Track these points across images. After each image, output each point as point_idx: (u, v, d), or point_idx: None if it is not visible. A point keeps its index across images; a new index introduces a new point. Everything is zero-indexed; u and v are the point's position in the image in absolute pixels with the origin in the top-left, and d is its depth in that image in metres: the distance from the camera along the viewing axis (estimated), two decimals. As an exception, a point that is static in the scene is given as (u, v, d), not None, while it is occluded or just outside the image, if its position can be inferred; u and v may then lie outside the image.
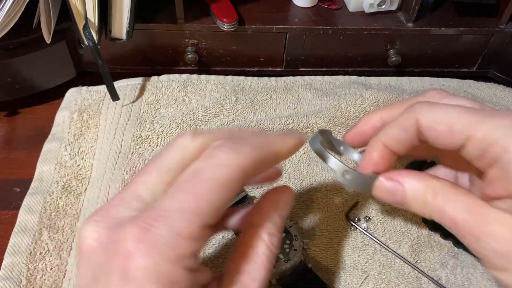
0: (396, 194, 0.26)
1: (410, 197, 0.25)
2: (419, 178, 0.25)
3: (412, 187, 0.25)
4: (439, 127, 0.24)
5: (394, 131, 0.26)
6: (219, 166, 0.22)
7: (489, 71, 0.53)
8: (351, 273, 0.35)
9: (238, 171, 0.22)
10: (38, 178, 0.40)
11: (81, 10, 0.42)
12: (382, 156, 0.26)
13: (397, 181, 0.26)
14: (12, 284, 0.33)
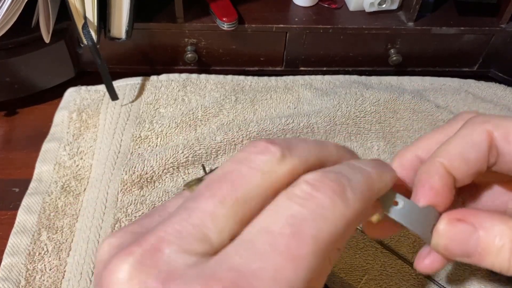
0: (467, 243, 0.19)
1: (488, 247, 0.19)
2: (503, 220, 0.19)
3: (494, 233, 0.19)
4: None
5: (459, 147, 0.20)
6: (322, 219, 0.16)
7: (490, 71, 0.53)
8: (351, 273, 0.35)
9: (342, 227, 0.16)
10: (37, 178, 0.40)
11: (80, 10, 0.41)
12: (444, 183, 0.20)
13: (471, 224, 0.20)
14: (11, 285, 0.33)
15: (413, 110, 0.47)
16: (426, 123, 0.46)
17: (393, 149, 0.44)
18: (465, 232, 0.20)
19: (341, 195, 0.17)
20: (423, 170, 0.21)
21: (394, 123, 0.46)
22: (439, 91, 0.49)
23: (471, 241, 0.19)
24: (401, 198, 0.20)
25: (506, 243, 0.19)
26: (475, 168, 0.20)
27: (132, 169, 0.40)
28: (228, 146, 0.42)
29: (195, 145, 0.41)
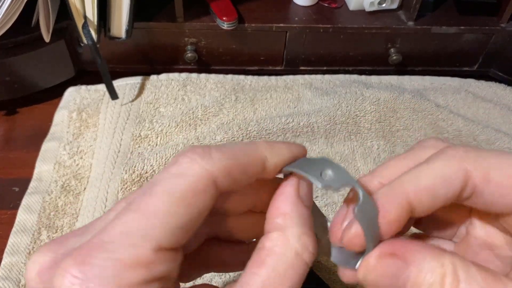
0: (397, 279, 0.19)
1: (418, 285, 0.18)
2: (435, 256, 0.18)
3: (425, 270, 0.18)
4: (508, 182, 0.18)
5: (429, 181, 0.19)
6: (177, 176, 0.18)
7: (490, 70, 0.53)
8: (352, 273, 0.35)
9: (204, 180, 0.18)
10: (37, 178, 0.40)
11: (80, 9, 0.41)
12: (400, 216, 0.19)
13: (403, 259, 0.19)
14: (11, 284, 0.33)
15: (413, 109, 0.47)
16: (426, 122, 0.46)
17: (393, 148, 0.44)
18: (396, 268, 0.19)
19: (202, 155, 0.19)
20: (383, 193, 0.20)
21: (394, 122, 0.46)
22: (439, 90, 0.49)
23: (401, 277, 0.19)
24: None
25: (436, 281, 0.18)
26: (441, 203, 0.20)
27: (132, 168, 0.40)
28: (228, 145, 0.42)
29: (195, 144, 0.41)
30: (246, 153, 0.20)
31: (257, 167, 0.20)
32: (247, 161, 0.20)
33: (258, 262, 0.19)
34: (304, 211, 0.20)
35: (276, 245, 0.19)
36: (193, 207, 0.18)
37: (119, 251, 0.17)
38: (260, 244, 0.20)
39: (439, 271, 0.18)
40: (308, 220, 0.20)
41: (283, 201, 0.20)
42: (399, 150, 0.44)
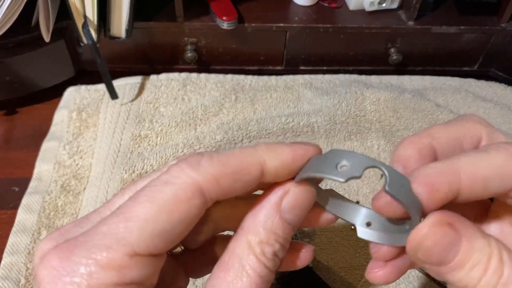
0: (448, 251, 0.18)
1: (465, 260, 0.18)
2: (484, 235, 0.18)
3: (476, 247, 0.18)
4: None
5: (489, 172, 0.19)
6: (163, 184, 0.18)
7: (490, 70, 0.53)
8: (352, 273, 0.35)
9: (189, 189, 0.18)
10: (36, 178, 0.40)
11: (80, 9, 0.41)
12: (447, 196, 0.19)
13: (458, 232, 0.18)
14: (11, 284, 0.33)
15: (413, 109, 0.46)
16: (426, 122, 0.46)
17: (393, 148, 0.44)
18: (450, 238, 0.18)
19: (191, 163, 0.19)
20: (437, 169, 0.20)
21: (394, 122, 0.46)
22: (439, 90, 0.49)
23: (452, 249, 0.18)
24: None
25: (483, 260, 0.18)
26: (487, 195, 0.20)
27: (132, 168, 0.40)
28: (228, 145, 0.42)
29: (195, 144, 0.41)
30: (240, 159, 0.19)
31: (253, 173, 0.20)
32: (240, 167, 0.19)
33: (223, 263, 0.20)
34: (277, 223, 0.20)
35: (237, 247, 0.20)
36: (174, 215, 0.18)
37: (96, 251, 0.17)
38: (228, 244, 0.20)
39: (487, 251, 0.18)
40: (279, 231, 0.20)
41: (260, 208, 0.20)
42: (399, 150, 0.44)
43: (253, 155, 0.20)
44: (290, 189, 0.20)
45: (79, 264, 0.17)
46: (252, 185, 0.20)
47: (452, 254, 0.18)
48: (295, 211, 0.20)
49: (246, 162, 0.19)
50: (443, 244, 0.18)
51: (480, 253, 0.18)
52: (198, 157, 0.19)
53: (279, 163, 0.20)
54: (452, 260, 0.18)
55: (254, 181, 0.20)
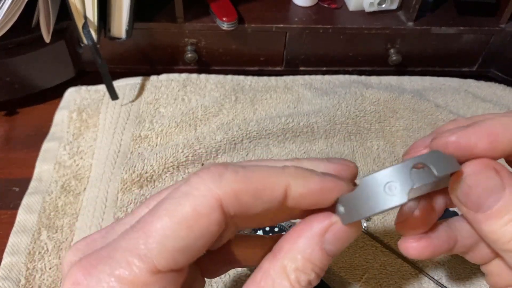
0: (488, 197, 0.18)
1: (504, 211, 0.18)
2: None
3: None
4: None
5: None
6: (183, 196, 0.18)
7: (490, 71, 0.53)
8: (351, 273, 0.35)
9: (209, 204, 0.18)
10: (37, 178, 0.40)
11: (80, 9, 0.41)
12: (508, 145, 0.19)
13: (502, 180, 0.18)
14: (11, 284, 0.33)
15: (412, 109, 0.47)
16: (426, 122, 0.46)
17: (393, 149, 0.44)
18: (494, 184, 0.18)
19: (214, 175, 0.18)
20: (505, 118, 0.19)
21: (394, 123, 0.46)
22: (438, 90, 0.49)
23: (493, 196, 0.18)
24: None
25: None
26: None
27: (132, 168, 0.40)
28: (228, 145, 0.42)
29: (195, 144, 0.41)
30: (265, 177, 0.19)
31: (276, 194, 0.19)
32: (263, 186, 0.18)
33: (255, 282, 0.19)
34: (316, 253, 0.19)
35: (272, 269, 0.19)
36: (194, 230, 0.18)
37: (118, 267, 0.17)
38: (262, 262, 0.20)
39: None
40: (317, 261, 0.19)
41: (301, 234, 0.20)
42: (399, 150, 0.44)
43: (279, 176, 0.19)
44: (337, 221, 0.20)
45: (102, 280, 0.17)
46: (273, 206, 0.19)
47: (492, 200, 0.18)
48: (338, 244, 0.20)
49: (270, 182, 0.19)
50: (485, 186, 0.18)
51: None
52: (222, 169, 0.18)
53: (304, 190, 0.19)
54: (490, 207, 0.18)
55: (275, 203, 0.19)
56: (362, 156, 0.43)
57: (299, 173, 0.19)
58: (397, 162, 0.43)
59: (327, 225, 0.19)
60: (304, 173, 0.20)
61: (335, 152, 0.43)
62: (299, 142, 0.44)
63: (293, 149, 0.43)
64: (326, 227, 0.19)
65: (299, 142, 0.44)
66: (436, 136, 0.21)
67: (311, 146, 0.43)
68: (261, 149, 0.43)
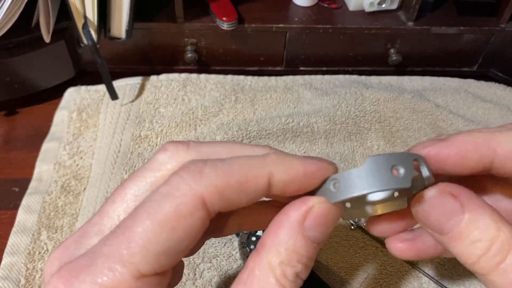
0: (448, 220, 0.19)
1: (465, 234, 0.18)
2: (493, 217, 0.19)
3: (478, 224, 0.18)
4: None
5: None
6: (164, 197, 0.17)
7: (490, 71, 0.53)
8: (351, 273, 0.35)
9: (190, 203, 0.17)
10: (37, 178, 0.40)
11: (80, 9, 0.41)
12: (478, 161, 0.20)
13: (461, 204, 0.19)
14: (11, 284, 0.33)
15: (412, 109, 0.47)
16: (426, 122, 0.46)
17: (393, 149, 0.44)
18: (452, 209, 0.19)
19: (194, 173, 0.17)
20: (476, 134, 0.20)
21: (394, 123, 0.46)
22: (438, 90, 0.49)
23: (453, 219, 0.19)
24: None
25: (485, 239, 0.18)
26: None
27: (132, 168, 0.40)
28: (228, 145, 0.42)
29: (195, 144, 0.41)
30: (246, 169, 0.18)
31: (259, 185, 0.18)
32: (245, 179, 0.18)
33: (241, 282, 0.19)
34: (300, 242, 0.18)
35: (257, 267, 0.18)
36: (177, 231, 0.17)
37: (100, 275, 0.17)
38: (247, 260, 0.19)
39: (492, 232, 0.18)
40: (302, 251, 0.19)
41: (280, 225, 0.19)
42: (398, 150, 0.44)
43: (260, 166, 0.18)
44: (315, 204, 0.19)
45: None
46: (258, 198, 0.19)
47: (452, 224, 0.19)
48: (320, 229, 0.19)
49: (252, 173, 0.18)
50: (443, 211, 0.19)
51: (483, 232, 0.18)
52: (200, 165, 0.18)
53: (288, 177, 0.19)
54: (452, 231, 0.19)
55: (260, 194, 0.19)
56: (362, 156, 0.43)
57: (280, 160, 0.19)
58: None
59: (304, 210, 0.19)
60: (286, 158, 0.19)
61: (335, 152, 0.43)
62: (299, 142, 0.44)
63: (293, 149, 0.43)
64: (304, 213, 0.19)
65: (299, 142, 0.44)
66: (410, 148, 0.21)
67: (311, 146, 0.43)
68: (261, 149, 0.43)
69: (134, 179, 0.20)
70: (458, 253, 0.19)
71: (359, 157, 0.43)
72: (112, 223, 0.19)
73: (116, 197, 0.19)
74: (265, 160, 0.19)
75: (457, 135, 0.21)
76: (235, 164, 0.18)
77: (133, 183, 0.19)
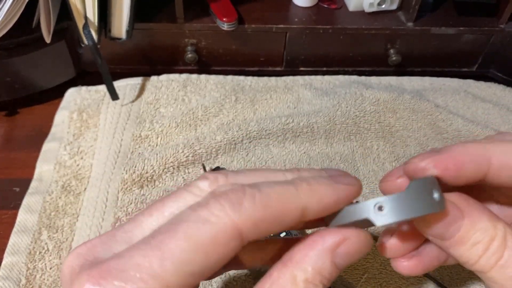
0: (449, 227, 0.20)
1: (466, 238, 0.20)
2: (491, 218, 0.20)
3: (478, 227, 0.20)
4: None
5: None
6: (203, 222, 0.18)
7: (490, 71, 0.53)
8: (351, 273, 0.35)
9: (228, 233, 0.18)
10: (37, 178, 0.40)
11: (80, 10, 0.42)
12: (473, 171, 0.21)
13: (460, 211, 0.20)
14: (12, 284, 0.33)
15: (412, 109, 0.47)
16: (426, 122, 0.46)
17: (393, 149, 0.44)
18: (452, 216, 0.20)
19: (233, 203, 0.18)
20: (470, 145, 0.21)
21: (393, 123, 0.46)
22: (438, 91, 0.49)
23: (453, 225, 0.20)
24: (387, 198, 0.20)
25: (484, 240, 0.20)
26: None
27: (133, 168, 0.40)
28: (228, 145, 0.42)
29: (195, 144, 0.41)
30: (282, 202, 0.19)
31: (292, 218, 0.19)
32: (281, 213, 0.19)
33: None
34: (326, 266, 0.20)
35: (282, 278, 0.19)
36: (210, 256, 0.18)
37: (130, 283, 0.17)
38: (270, 270, 0.20)
39: (490, 233, 0.20)
40: (327, 274, 0.20)
41: (313, 246, 0.20)
42: (398, 150, 0.44)
43: (294, 199, 0.19)
44: (350, 237, 0.20)
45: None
46: (288, 228, 0.20)
47: (453, 230, 0.20)
48: (348, 258, 0.20)
49: (287, 207, 0.19)
50: (444, 219, 0.20)
51: (483, 233, 0.20)
52: (240, 195, 0.19)
53: (320, 208, 0.20)
54: (453, 236, 0.20)
55: (291, 225, 0.20)
56: (362, 156, 0.43)
57: (312, 191, 0.20)
58: (396, 162, 0.43)
59: (340, 240, 0.20)
60: (318, 189, 0.20)
61: (335, 152, 0.43)
62: (299, 142, 0.44)
63: (293, 149, 0.43)
64: (339, 242, 0.20)
65: (299, 142, 0.44)
66: (408, 161, 0.22)
67: (311, 146, 0.43)
68: (261, 149, 0.43)
69: (173, 198, 0.20)
70: (460, 256, 0.21)
71: (359, 157, 0.43)
72: (143, 234, 0.19)
73: (154, 212, 0.20)
74: (298, 192, 0.20)
75: (453, 147, 0.22)
76: (271, 196, 0.19)
77: (172, 202, 0.20)
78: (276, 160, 0.42)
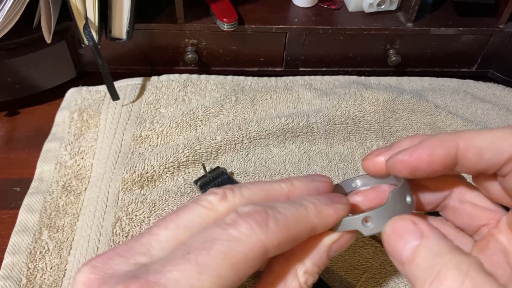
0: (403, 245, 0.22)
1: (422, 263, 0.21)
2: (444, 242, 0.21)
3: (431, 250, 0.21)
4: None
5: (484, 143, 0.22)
6: (236, 241, 0.20)
7: (489, 71, 0.53)
8: (351, 272, 0.35)
9: (257, 251, 0.20)
10: (38, 178, 0.40)
11: (81, 10, 0.42)
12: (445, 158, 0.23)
13: (419, 230, 0.22)
14: (12, 283, 0.33)
15: (412, 110, 0.47)
16: (425, 122, 0.46)
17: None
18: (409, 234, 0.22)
19: (262, 224, 0.21)
20: (438, 136, 0.23)
21: (393, 123, 0.46)
22: (438, 91, 0.50)
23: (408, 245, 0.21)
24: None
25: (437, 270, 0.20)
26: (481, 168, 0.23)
27: (133, 168, 0.40)
28: (228, 145, 0.42)
29: (196, 144, 0.41)
30: (298, 223, 0.22)
31: (305, 236, 0.23)
32: (298, 233, 0.22)
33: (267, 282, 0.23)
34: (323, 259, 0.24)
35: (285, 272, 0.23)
36: (241, 272, 0.20)
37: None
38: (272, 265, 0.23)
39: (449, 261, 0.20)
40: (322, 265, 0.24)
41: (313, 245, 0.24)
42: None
43: (307, 220, 0.23)
44: (343, 236, 0.24)
45: None
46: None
47: (407, 250, 0.21)
48: (340, 251, 0.25)
49: (302, 227, 0.22)
50: (400, 235, 0.22)
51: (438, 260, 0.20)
52: (264, 216, 0.21)
53: (325, 227, 0.24)
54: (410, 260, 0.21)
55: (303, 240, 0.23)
56: (362, 156, 0.43)
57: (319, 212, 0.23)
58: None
59: (335, 238, 0.24)
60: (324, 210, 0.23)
61: (335, 152, 0.43)
62: (299, 142, 0.44)
63: (293, 149, 0.43)
64: (335, 240, 0.24)
65: (299, 142, 0.44)
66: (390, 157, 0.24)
67: (311, 146, 0.44)
68: (261, 149, 0.43)
69: (187, 211, 0.22)
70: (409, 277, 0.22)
71: (358, 157, 0.43)
72: (161, 246, 0.21)
73: (170, 224, 0.22)
74: (308, 213, 0.23)
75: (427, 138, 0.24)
76: (290, 218, 0.22)
77: (187, 214, 0.22)
78: (276, 160, 0.42)
